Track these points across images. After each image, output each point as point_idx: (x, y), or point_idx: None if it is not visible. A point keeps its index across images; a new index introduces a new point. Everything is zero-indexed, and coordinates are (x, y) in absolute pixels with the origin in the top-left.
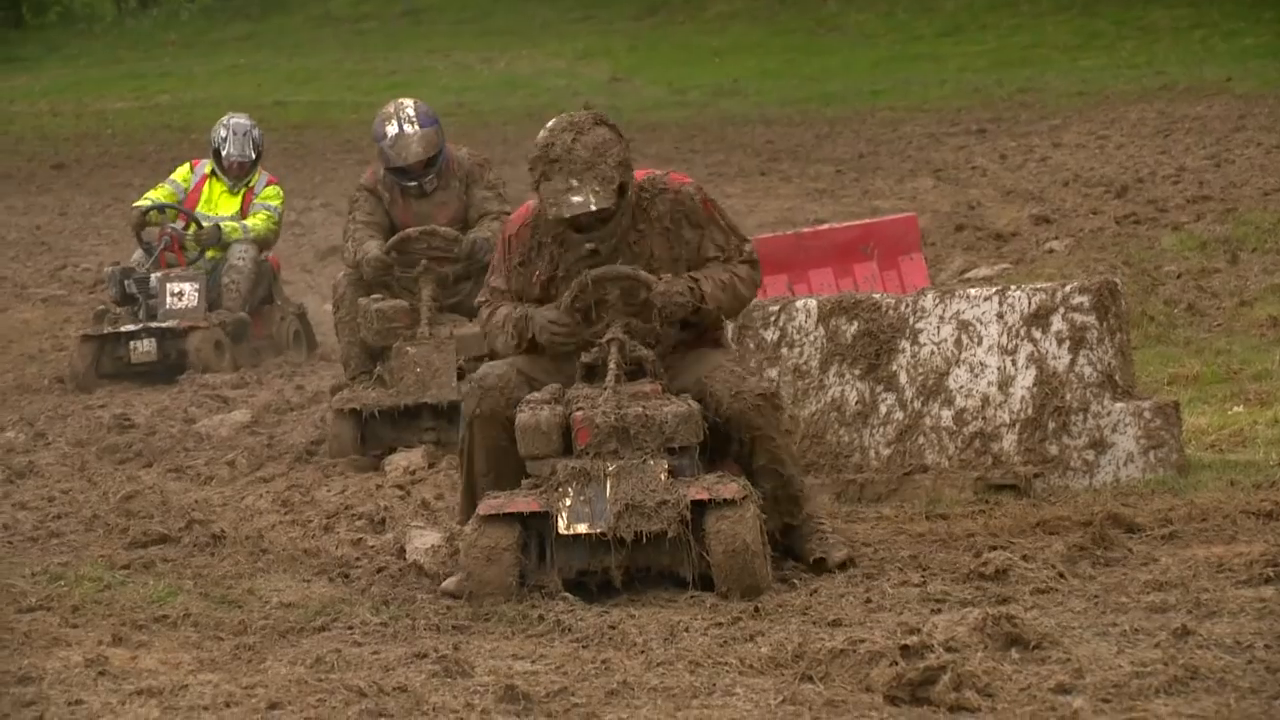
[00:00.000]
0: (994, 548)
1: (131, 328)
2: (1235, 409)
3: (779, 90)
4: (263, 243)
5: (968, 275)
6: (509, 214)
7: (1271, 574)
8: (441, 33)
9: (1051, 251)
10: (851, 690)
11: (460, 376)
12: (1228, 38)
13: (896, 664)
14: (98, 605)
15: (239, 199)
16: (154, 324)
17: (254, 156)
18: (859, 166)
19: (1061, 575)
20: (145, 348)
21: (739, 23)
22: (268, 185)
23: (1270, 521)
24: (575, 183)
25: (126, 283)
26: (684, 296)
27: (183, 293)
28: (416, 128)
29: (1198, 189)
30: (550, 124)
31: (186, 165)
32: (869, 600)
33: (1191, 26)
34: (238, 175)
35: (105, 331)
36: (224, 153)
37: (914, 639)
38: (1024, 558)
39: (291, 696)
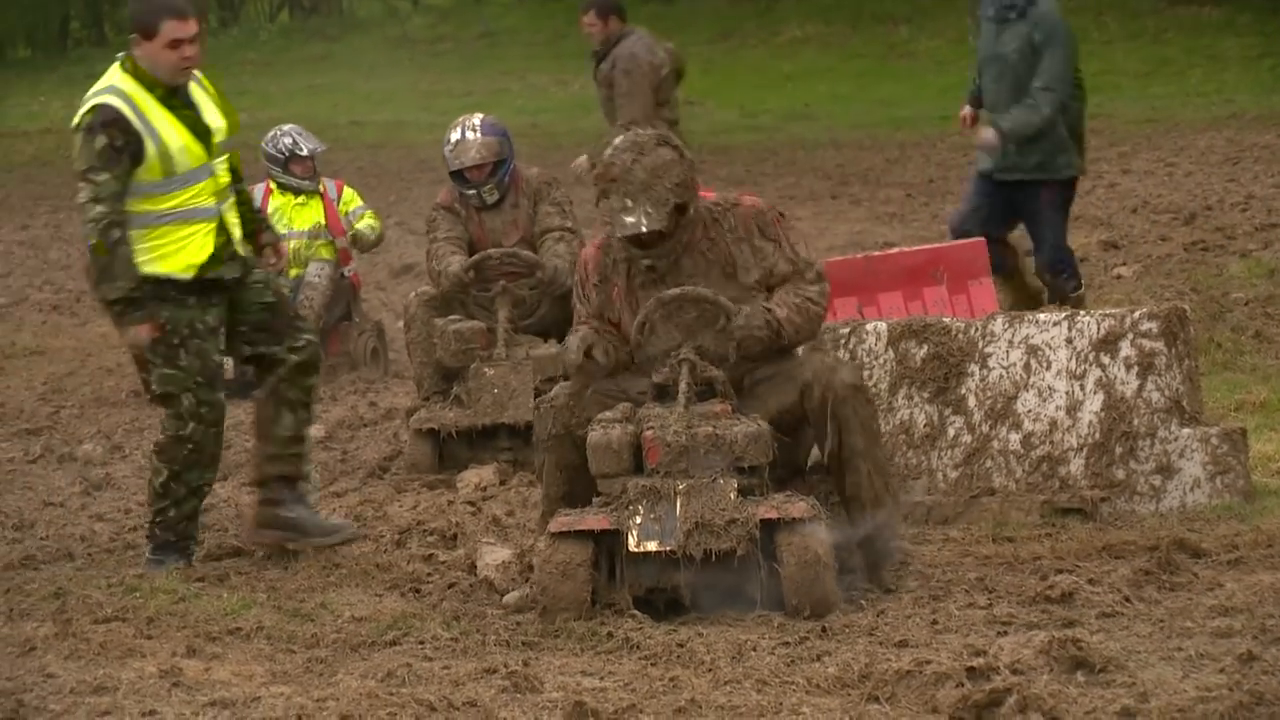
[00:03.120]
0: (1060, 571)
1: None
2: None
3: (850, 115)
4: (378, 240)
5: None
6: (572, 230)
7: None
8: (516, 55)
9: (1119, 278)
10: (917, 712)
11: (536, 397)
12: None
13: (962, 685)
14: (172, 617)
15: (318, 208)
16: None
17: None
18: (929, 191)
19: (1127, 599)
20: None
21: (811, 48)
22: (340, 190)
23: None
24: (630, 203)
25: None
26: (763, 330)
27: None
28: (478, 134)
29: (1266, 216)
30: (616, 141)
31: None
32: (935, 622)
33: (1261, 55)
34: (313, 173)
35: None
36: (301, 152)
37: (980, 661)
38: (1090, 581)
39: (362, 710)
